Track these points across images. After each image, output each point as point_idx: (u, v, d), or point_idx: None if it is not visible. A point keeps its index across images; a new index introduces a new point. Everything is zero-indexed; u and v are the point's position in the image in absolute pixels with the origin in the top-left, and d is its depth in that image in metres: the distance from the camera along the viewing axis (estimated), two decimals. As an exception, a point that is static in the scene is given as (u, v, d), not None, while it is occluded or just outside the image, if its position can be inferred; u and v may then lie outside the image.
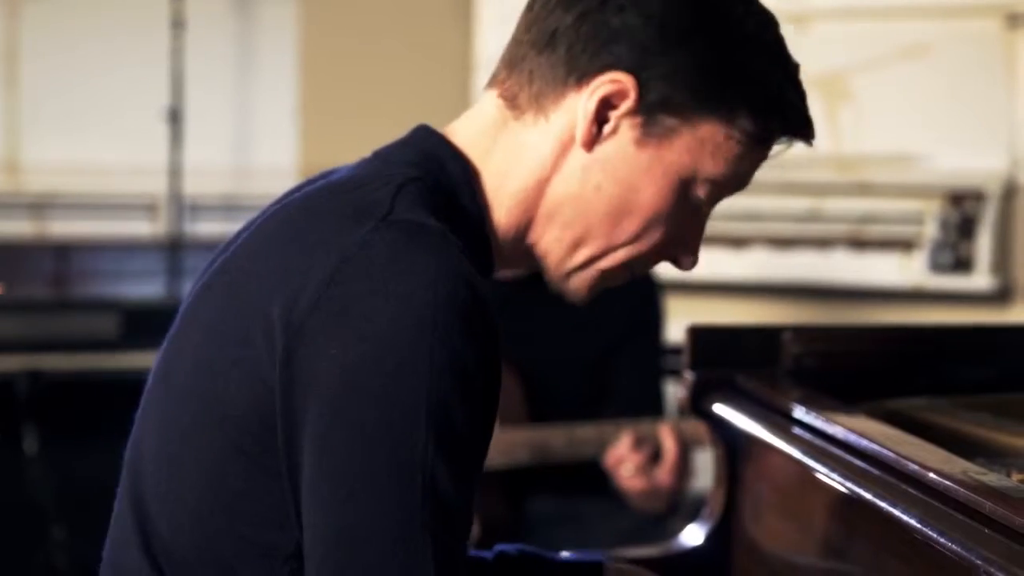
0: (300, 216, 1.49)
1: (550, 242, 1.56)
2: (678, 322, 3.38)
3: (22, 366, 3.85)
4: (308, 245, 1.43)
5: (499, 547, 1.80)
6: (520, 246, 1.57)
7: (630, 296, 3.37)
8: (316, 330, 1.37)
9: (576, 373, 3.35)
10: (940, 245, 4.37)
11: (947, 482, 1.50)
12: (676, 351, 3.20)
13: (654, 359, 3.38)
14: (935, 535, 1.46)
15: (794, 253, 4.54)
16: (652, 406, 3.29)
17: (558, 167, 1.53)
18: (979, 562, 1.37)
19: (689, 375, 2.10)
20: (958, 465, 1.57)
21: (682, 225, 1.57)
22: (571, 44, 1.51)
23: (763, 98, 1.53)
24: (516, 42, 1.56)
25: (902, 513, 1.53)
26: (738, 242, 4.56)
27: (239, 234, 1.56)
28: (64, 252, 4.67)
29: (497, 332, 1.41)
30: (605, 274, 1.58)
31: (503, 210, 1.54)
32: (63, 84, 4.94)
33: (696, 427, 2.94)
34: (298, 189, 1.57)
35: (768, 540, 1.98)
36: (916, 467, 1.56)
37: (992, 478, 1.51)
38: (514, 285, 3.32)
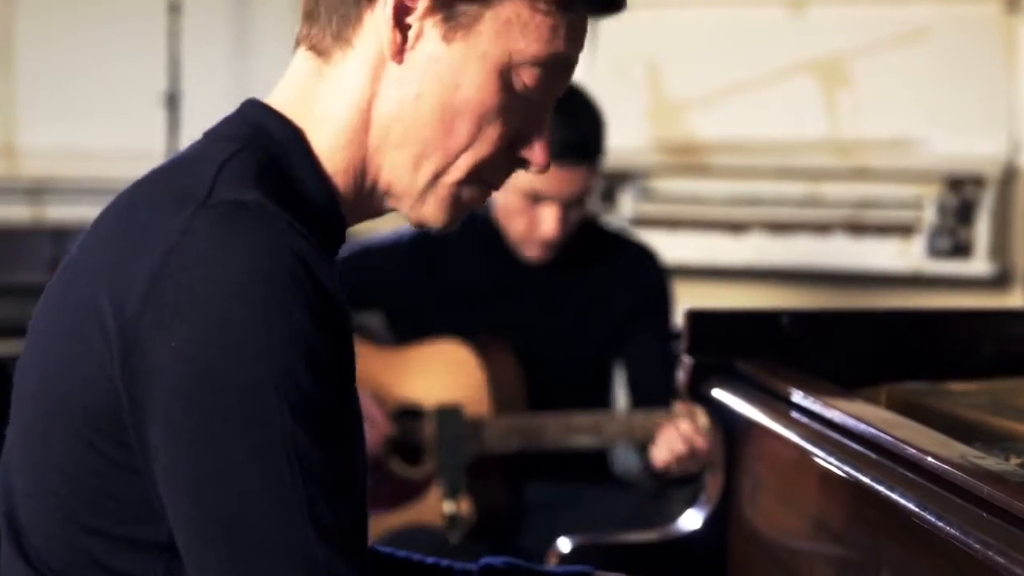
0: (127, 205, 1.47)
1: (391, 170, 1.52)
2: (677, 307, 3.39)
3: (18, 351, 3.85)
4: (132, 236, 1.41)
5: (485, 560, 1.78)
6: (364, 189, 1.53)
7: (633, 284, 3.37)
8: (151, 324, 1.35)
9: (577, 360, 3.35)
10: (939, 230, 4.36)
11: (945, 466, 1.50)
12: (675, 336, 3.20)
13: (667, 347, 3.37)
14: (933, 519, 1.46)
15: (792, 238, 4.53)
16: (669, 393, 3.28)
17: (376, 90, 1.50)
18: (977, 546, 1.37)
19: (687, 360, 2.10)
20: (956, 449, 1.57)
21: (519, 119, 1.51)
22: None
23: None
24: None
25: (900, 497, 1.53)
26: (736, 227, 4.56)
27: (90, 226, 1.54)
28: (61, 237, 4.66)
29: (332, 295, 1.38)
30: (458, 192, 1.53)
31: (336, 156, 1.51)
32: (60, 68, 4.93)
33: None
34: (140, 178, 1.54)
35: (766, 524, 1.98)
36: (914, 451, 1.56)
37: (990, 462, 1.51)
38: (514, 270, 3.32)
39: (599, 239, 3.41)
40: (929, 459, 1.53)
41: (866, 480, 1.62)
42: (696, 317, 2.12)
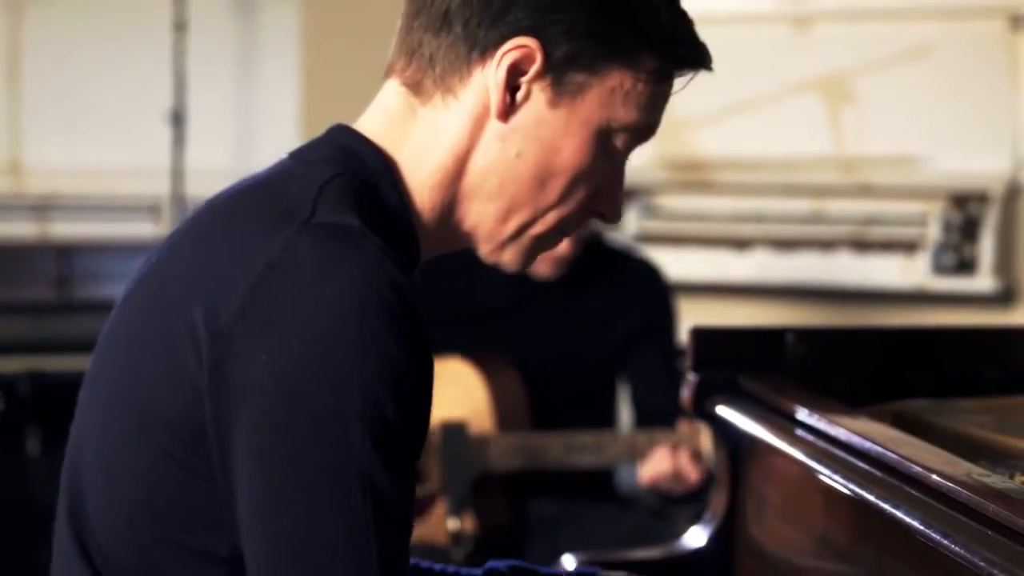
0: (221, 219, 1.49)
1: (478, 216, 1.55)
2: (681, 324, 3.39)
3: (25, 367, 3.85)
4: (230, 249, 1.43)
5: (490, 563, 1.79)
6: (447, 227, 1.56)
7: (639, 301, 3.38)
8: (244, 337, 1.37)
9: (582, 378, 3.35)
10: (943, 247, 4.36)
11: (950, 484, 1.49)
12: (680, 352, 3.20)
13: (671, 364, 3.38)
14: (938, 537, 1.46)
15: (797, 255, 4.53)
16: (674, 411, 3.28)
17: (475, 142, 1.53)
18: (982, 564, 1.37)
19: (692, 377, 2.10)
20: (961, 467, 1.56)
21: (604, 178, 1.56)
22: (466, 20, 1.51)
23: (658, 34, 1.53)
24: (407, 28, 1.56)
25: (905, 515, 1.53)
26: (741, 244, 4.56)
27: (167, 240, 1.55)
28: (67, 253, 4.66)
29: (424, 328, 1.40)
30: (538, 240, 1.57)
31: (424, 194, 1.53)
32: (65, 86, 4.94)
33: None
34: (223, 192, 1.55)
35: (771, 542, 1.98)
36: (919, 469, 1.56)
37: (995, 480, 1.50)
38: (521, 289, 3.33)
39: (605, 256, 3.41)
40: (934, 477, 1.53)
41: (871, 498, 1.62)
42: (700, 334, 2.12)
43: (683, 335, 2.15)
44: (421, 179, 1.53)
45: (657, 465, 3.12)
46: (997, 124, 4.37)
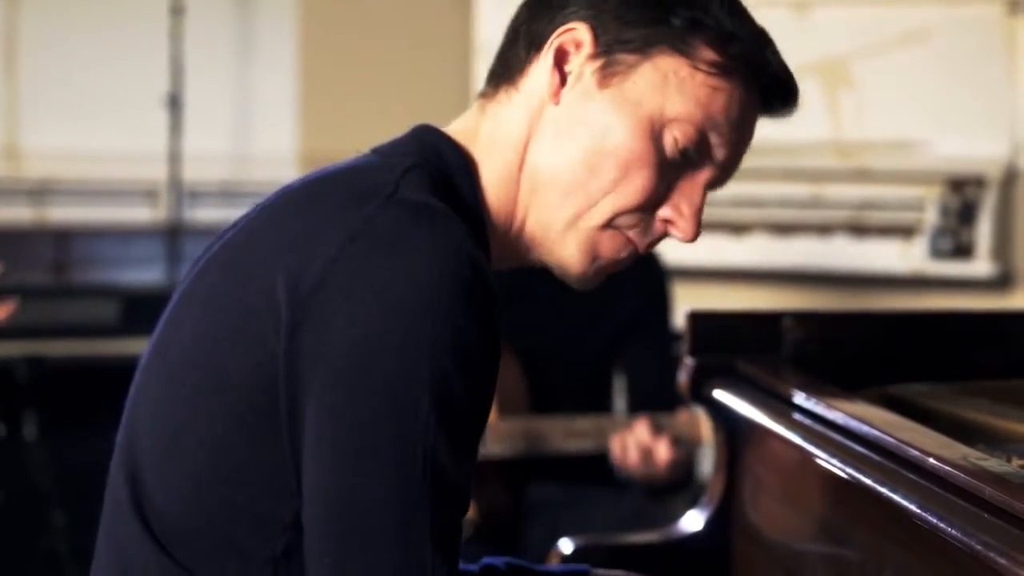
0: (302, 198, 1.51)
1: (536, 210, 1.56)
2: (678, 308, 3.39)
3: (22, 352, 3.85)
4: (312, 222, 1.45)
5: (486, 560, 1.80)
6: (512, 228, 1.58)
7: (637, 286, 3.37)
8: (323, 303, 1.39)
9: (580, 363, 3.35)
10: (940, 231, 4.36)
11: (947, 467, 1.50)
12: (677, 337, 3.20)
13: (666, 350, 3.38)
14: (935, 520, 1.46)
15: (794, 239, 4.53)
16: (669, 399, 3.29)
17: (533, 131, 1.55)
18: (979, 547, 1.37)
19: (689, 361, 2.10)
20: (958, 451, 1.56)
21: (668, 178, 1.56)
22: (529, 25, 1.57)
23: (714, 24, 1.54)
24: (495, 59, 1.61)
25: (902, 499, 1.53)
26: (738, 228, 4.56)
27: (237, 222, 1.57)
28: (64, 238, 4.66)
29: (499, 310, 1.42)
30: (598, 238, 1.56)
31: (494, 191, 1.56)
32: (63, 70, 4.93)
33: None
34: (298, 180, 1.58)
35: (768, 525, 1.98)
36: (916, 453, 1.56)
37: (992, 464, 1.51)
38: (519, 274, 3.33)
39: (602, 240, 3.40)
40: (931, 460, 1.53)
41: (868, 481, 1.62)
42: (698, 318, 2.12)
43: (681, 319, 2.15)
44: (490, 177, 1.56)
45: (629, 435, 3.11)
46: (995, 108, 4.37)
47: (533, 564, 1.82)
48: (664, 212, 1.57)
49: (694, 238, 1.60)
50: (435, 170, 1.52)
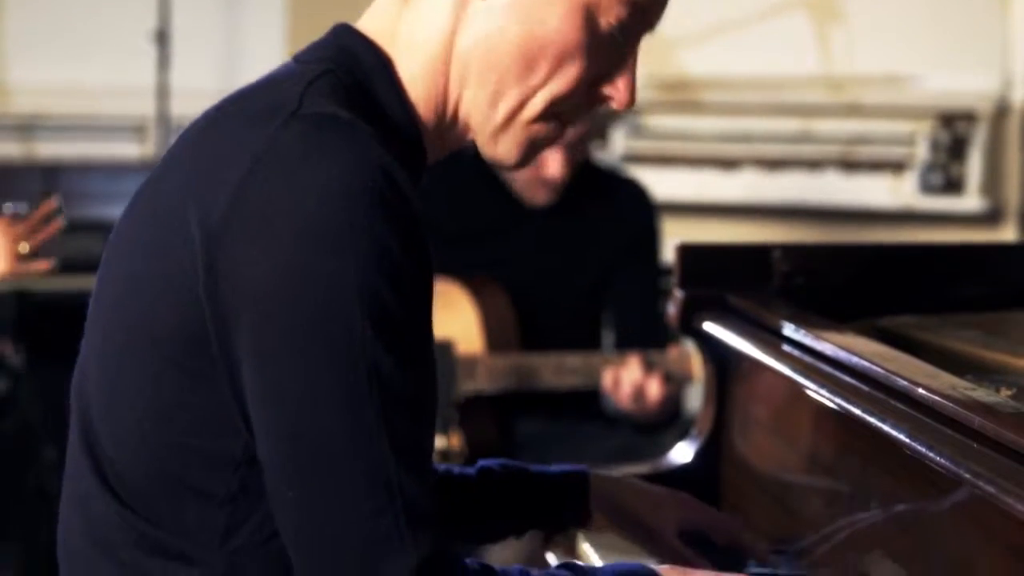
0: (211, 123, 1.48)
1: (469, 103, 1.52)
2: (668, 243, 3.39)
3: (9, 287, 3.84)
4: (218, 146, 1.42)
5: (481, 463, 1.80)
6: (444, 119, 1.53)
7: (625, 221, 3.37)
8: (236, 234, 1.36)
9: (570, 298, 3.35)
10: (931, 166, 4.36)
11: (936, 397, 1.50)
12: (667, 271, 3.20)
13: (654, 286, 3.38)
14: (924, 450, 1.46)
15: (785, 174, 4.53)
16: (656, 334, 3.29)
17: (459, 23, 1.50)
18: (968, 476, 1.38)
19: (679, 293, 2.10)
20: (947, 381, 1.57)
21: (601, 59, 1.51)
22: None
23: None
24: None
25: (891, 428, 1.54)
26: (728, 163, 4.55)
27: (165, 153, 1.54)
28: (52, 173, 4.64)
29: (417, 215, 1.39)
30: (533, 131, 1.52)
31: (419, 86, 1.51)
32: (50, 5, 4.90)
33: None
34: (218, 102, 1.55)
35: (757, 457, 1.99)
36: (905, 383, 1.57)
37: (981, 393, 1.51)
38: (506, 207, 3.32)
39: (592, 176, 3.40)
40: (920, 390, 1.53)
41: (857, 412, 1.62)
42: (688, 251, 2.11)
43: (670, 253, 2.14)
44: (412, 72, 1.51)
45: (623, 371, 3.11)
46: (986, 43, 4.36)
47: (528, 465, 1.82)
48: (598, 89, 1.53)
49: (631, 106, 1.55)
50: (348, 75, 1.48)
